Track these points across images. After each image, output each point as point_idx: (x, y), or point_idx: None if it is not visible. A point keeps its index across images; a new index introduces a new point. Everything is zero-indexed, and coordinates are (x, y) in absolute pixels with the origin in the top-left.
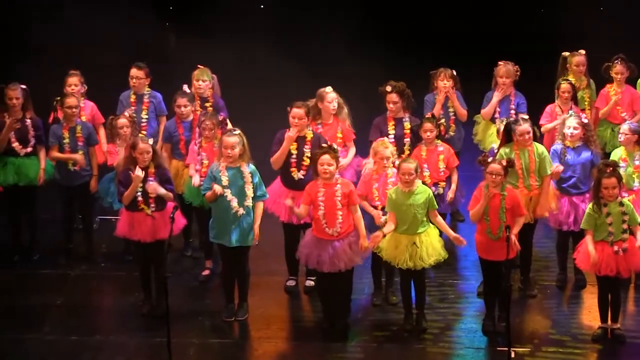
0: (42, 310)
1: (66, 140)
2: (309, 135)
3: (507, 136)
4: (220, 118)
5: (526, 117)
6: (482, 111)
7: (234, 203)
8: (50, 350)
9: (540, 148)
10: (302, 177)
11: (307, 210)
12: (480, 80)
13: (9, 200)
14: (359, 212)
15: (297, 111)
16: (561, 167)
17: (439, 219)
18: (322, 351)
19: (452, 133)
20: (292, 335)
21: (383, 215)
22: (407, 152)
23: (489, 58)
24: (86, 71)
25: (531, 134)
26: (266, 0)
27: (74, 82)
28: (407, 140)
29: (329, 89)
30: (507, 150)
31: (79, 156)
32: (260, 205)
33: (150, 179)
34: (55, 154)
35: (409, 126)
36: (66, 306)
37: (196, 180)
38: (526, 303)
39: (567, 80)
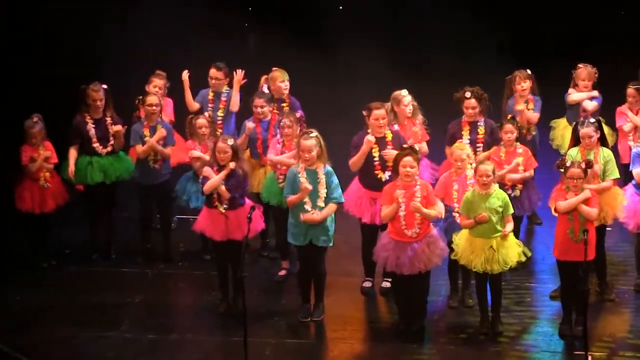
0: (120, 308)
1: (147, 138)
2: (389, 135)
3: (576, 138)
4: (298, 115)
5: (593, 120)
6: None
7: (308, 207)
8: (127, 348)
9: (606, 152)
10: (389, 177)
11: (393, 210)
12: (558, 82)
13: (88, 199)
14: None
15: (380, 112)
16: None
17: (509, 226)
18: (397, 353)
19: (533, 132)
20: (367, 337)
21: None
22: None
23: (569, 60)
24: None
25: (594, 138)
26: (345, 2)
27: (159, 85)
28: (480, 145)
29: (404, 92)
30: (575, 152)
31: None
32: (331, 206)
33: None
34: (140, 149)
35: (483, 131)
36: (144, 304)
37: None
38: (603, 307)
39: (633, 84)
